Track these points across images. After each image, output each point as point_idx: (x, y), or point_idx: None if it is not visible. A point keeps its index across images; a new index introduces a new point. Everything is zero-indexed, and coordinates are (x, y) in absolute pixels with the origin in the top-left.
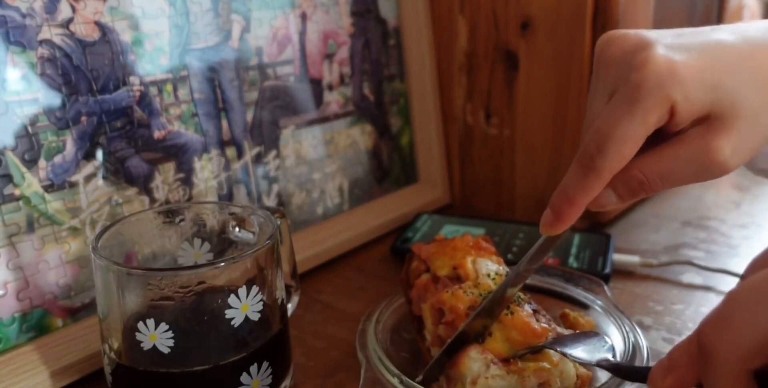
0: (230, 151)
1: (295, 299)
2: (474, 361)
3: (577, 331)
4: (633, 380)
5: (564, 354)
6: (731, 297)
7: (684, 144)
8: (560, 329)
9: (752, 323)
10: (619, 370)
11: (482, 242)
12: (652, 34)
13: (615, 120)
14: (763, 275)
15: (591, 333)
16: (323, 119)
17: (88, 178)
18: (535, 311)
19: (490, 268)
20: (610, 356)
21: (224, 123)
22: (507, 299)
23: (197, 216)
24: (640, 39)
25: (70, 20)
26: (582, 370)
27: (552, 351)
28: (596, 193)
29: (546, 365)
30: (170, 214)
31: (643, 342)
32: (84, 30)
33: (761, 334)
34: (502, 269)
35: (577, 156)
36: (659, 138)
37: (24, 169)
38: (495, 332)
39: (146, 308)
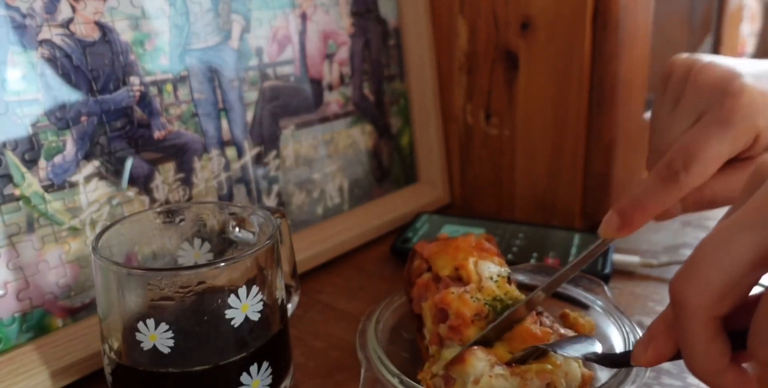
0: (230, 151)
1: (295, 299)
2: (479, 360)
3: (573, 334)
4: (621, 366)
5: (554, 351)
6: (697, 248)
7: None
8: (563, 330)
9: (716, 268)
10: (606, 359)
11: (485, 242)
12: (736, 63)
13: (705, 140)
14: (725, 223)
15: (581, 336)
16: (323, 119)
17: (88, 178)
18: (538, 314)
19: (492, 270)
20: (598, 352)
21: (224, 123)
22: (523, 316)
23: (197, 216)
24: (729, 67)
25: (70, 20)
26: (584, 370)
27: (555, 353)
28: (671, 204)
29: (549, 366)
30: (170, 214)
31: None
32: (84, 30)
33: (724, 278)
34: (504, 270)
35: (659, 168)
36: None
37: (24, 169)
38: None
39: (146, 308)
